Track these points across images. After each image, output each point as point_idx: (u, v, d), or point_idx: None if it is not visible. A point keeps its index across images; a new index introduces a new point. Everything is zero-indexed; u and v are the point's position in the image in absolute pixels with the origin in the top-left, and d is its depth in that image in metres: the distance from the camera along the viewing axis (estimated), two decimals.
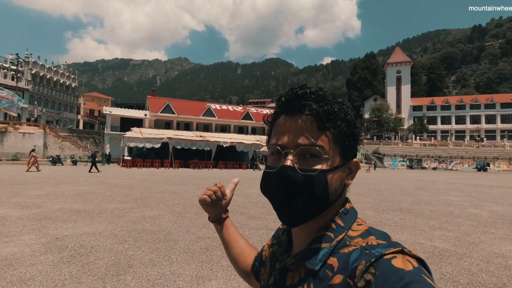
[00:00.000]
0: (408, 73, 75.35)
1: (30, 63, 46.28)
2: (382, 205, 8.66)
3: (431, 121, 69.36)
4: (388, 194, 11.61)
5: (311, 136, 0.53)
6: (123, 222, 5.64)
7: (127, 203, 7.85)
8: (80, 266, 3.44)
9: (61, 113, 51.84)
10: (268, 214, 6.80)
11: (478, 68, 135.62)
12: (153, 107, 39.68)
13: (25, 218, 5.73)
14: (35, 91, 46.50)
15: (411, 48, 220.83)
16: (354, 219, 0.57)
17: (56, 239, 4.48)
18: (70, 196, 8.64)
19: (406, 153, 55.23)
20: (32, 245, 4.14)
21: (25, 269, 3.31)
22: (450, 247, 4.53)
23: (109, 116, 37.14)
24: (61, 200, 7.90)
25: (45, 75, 49.61)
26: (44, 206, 7.06)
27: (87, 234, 4.79)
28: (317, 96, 0.55)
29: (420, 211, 7.83)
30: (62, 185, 11.44)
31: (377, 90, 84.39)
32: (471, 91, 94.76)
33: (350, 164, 0.57)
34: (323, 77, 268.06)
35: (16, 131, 32.52)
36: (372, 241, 0.50)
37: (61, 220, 5.70)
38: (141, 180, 14.92)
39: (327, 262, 0.52)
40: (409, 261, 0.44)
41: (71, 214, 6.21)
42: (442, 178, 24.25)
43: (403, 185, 16.62)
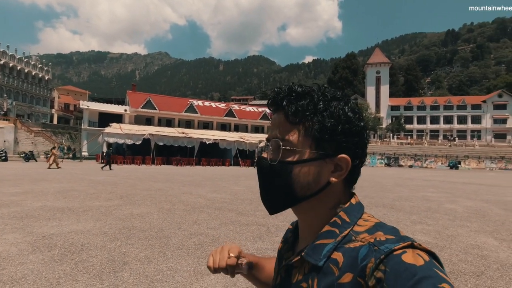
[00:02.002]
0: (387, 74, 77.78)
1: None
2: (365, 201, 8.97)
3: (408, 121, 72.06)
4: (370, 191, 12.03)
5: (281, 130, 0.56)
6: (111, 220, 5.53)
7: (113, 200, 7.68)
8: (73, 264, 3.37)
9: (33, 107, 49.15)
10: (257, 211, 6.89)
11: (451, 71, 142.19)
12: (133, 103, 38.62)
13: (5, 217, 5.49)
14: (4, 83, 43.76)
15: (389, 49, 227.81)
16: (360, 214, 0.56)
17: (43, 237, 4.34)
18: (51, 194, 8.32)
19: (384, 151, 57.14)
20: (18, 244, 3.99)
21: (14, 268, 3.20)
22: (431, 240, 4.81)
23: (86, 111, 35.78)
24: (42, 198, 7.61)
25: (15, 66, 46.83)
26: (23, 204, 6.77)
27: (75, 232, 4.67)
28: (292, 92, 0.56)
29: (401, 206, 8.20)
30: (40, 182, 10.98)
31: (357, 89, 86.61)
32: (445, 93, 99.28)
33: (336, 160, 0.55)
34: (305, 76, 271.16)
35: None
36: (380, 237, 0.48)
37: (45, 218, 5.51)
38: (123, 177, 14.56)
39: (331, 257, 0.51)
40: (419, 255, 0.43)
41: (55, 212, 6.01)
42: (419, 176, 25.35)
43: (383, 182, 17.24)
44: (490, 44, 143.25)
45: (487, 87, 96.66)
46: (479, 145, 58.47)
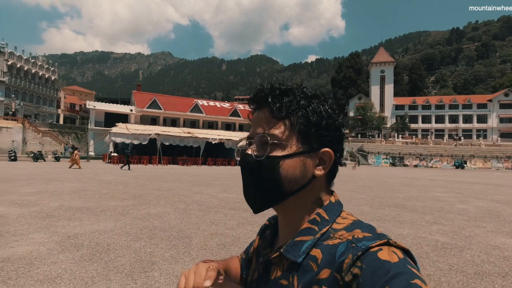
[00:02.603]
0: (391, 73, 77.41)
1: (6, 53, 43.93)
2: (376, 202, 9.00)
3: (413, 120, 71.69)
4: (379, 191, 12.04)
5: (266, 126, 0.56)
6: (130, 220, 5.62)
7: (127, 200, 7.78)
8: (103, 264, 3.45)
9: (40, 107, 49.62)
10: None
11: (455, 70, 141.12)
12: (139, 103, 38.83)
13: (27, 217, 5.60)
14: (11, 83, 44.22)
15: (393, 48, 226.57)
16: (339, 212, 0.58)
17: (68, 237, 4.43)
18: (65, 194, 8.44)
19: (389, 151, 56.96)
20: (46, 244, 4.08)
21: (48, 268, 3.29)
22: (449, 240, 4.83)
23: (93, 111, 36.04)
24: (58, 198, 7.72)
25: (22, 66, 47.29)
26: (41, 203, 6.88)
27: (98, 232, 4.76)
28: (275, 89, 0.58)
29: (413, 207, 8.21)
30: (52, 182, 11.12)
31: (361, 88, 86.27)
32: (450, 92, 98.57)
33: (319, 154, 0.57)
34: (307, 75, 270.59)
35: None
36: (358, 234, 0.50)
37: (65, 218, 5.61)
38: (132, 177, 14.69)
39: (310, 254, 0.52)
40: (394, 253, 0.45)
41: (74, 212, 6.11)
42: (425, 175, 25.26)
43: (390, 182, 17.23)
44: (496, 42, 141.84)
45: (493, 86, 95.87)
46: (485, 144, 58.05)
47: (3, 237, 4.32)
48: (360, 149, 58.94)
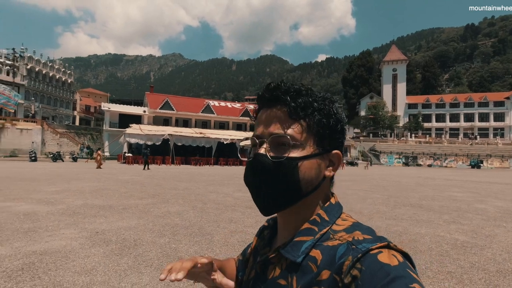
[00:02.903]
0: (404, 71, 76.17)
1: (25, 58, 45.52)
2: (391, 201, 8.98)
3: (426, 119, 70.36)
4: (393, 190, 11.96)
5: (283, 126, 0.55)
6: (151, 217, 5.82)
7: (146, 199, 8.02)
8: (133, 258, 3.63)
9: (57, 109, 51.19)
10: None
11: (471, 67, 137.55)
12: (152, 104, 39.52)
13: (56, 214, 5.87)
14: (30, 86, 45.82)
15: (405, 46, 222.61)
16: (339, 214, 0.58)
17: (96, 233, 4.65)
18: (87, 192, 8.76)
19: (401, 151, 56.08)
20: (77, 239, 4.31)
21: (82, 261, 3.49)
22: (469, 239, 4.83)
23: (107, 112, 36.91)
24: (80, 196, 8.03)
25: (40, 70, 48.92)
26: (66, 202, 7.18)
27: (124, 228, 4.97)
28: (290, 88, 0.57)
29: (430, 206, 8.16)
30: (73, 182, 11.51)
31: (373, 87, 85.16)
32: (465, 89, 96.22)
33: (330, 155, 0.58)
34: (318, 74, 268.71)
35: (14, 127, 32.22)
36: (358, 236, 0.50)
37: (91, 215, 5.86)
38: (148, 176, 15.03)
39: (310, 254, 0.52)
40: (394, 256, 0.45)
41: (98, 210, 6.36)
42: (439, 175, 24.82)
43: (404, 181, 17.05)
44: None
45: (510, 83, 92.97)
46: (502, 143, 56.39)
47: (37, 232, 4.57)
48: (372, 148, 58.25)
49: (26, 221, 5.20)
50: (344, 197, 9.48)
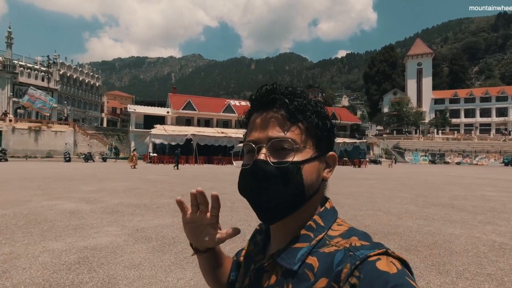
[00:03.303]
0: (429, 65, 73.27)
1: (58, 64, 48.38)
2: (420, 200, 8.79)
3: (454, 114, 67.37)
4: (420, 189, 11.66)
5: (282, 129, 0.53)
6: None
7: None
8: (174, 254, 3.87)
9: (86, 112, 53.97)
10: None
11: (503, 58, 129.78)
12: (174, 104, 40.58)
13: (97, 212, 6.28)
14: (63, 91, 48.65)
15: (430, 38, 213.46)
16: (334, 219, 0.57)
17: (137, 230, 4.96)
18: (121, 192, 9.23)
19: (427, 148, 54.07)
20: (120, 236, 4.63)
21: (129, 256, 3.77)
22: (508, 241, 4.69)
23: (133, 114, 38.34)
24: (116, 195, 8.49)
25: (71, 75, 51.77)
26: (104, 200, 7.63)
27: (161, 226, 5.26)
28: (286, 90, 0.56)
29: (462, 206, 7.93)
30: (105, 181, 12.14)
31: (396, 83, 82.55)
32: (497, 82, 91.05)
33: (326, 157, 0.58)
34: (338, 71, 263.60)
35: (49, 130, 34.40)
36: (356, 242, 0.49)
37: (129, 213, 6.22)
38: (174, 176, 15.54)
39: (306, 262, 0.51)
40: (393, 263, 0.44)
41: (134, 208, 6.73)
42: (470, 173, 23.77)
43: (431, 180, 16.52)
44: None
45: None
46: None
47: (84, 229, 4.95)
48: (396, 146, 56.56)
49: (73, 219, 5.62)
50: (370, 197, 9.39)
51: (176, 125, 38.40)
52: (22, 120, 35.23)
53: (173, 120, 40.13)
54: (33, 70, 45.83)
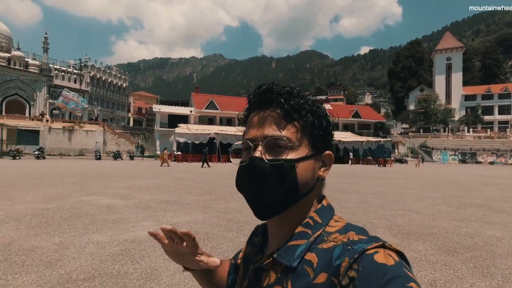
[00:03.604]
0: (459, 60, 69.77)
1: (88, 66, 50.99)
2: (453, 201, 8.45)
3: (487, 111, 63.82)
4: (452, 190, 11.19)
5: (278, 127, 0.55)
6: (215, 213, 6.24)
7: (204, 195, 8.55)
8: (209, 250, 4.00)
9: (114, 112, 56.41)
10: (346, 207, 7.02)
11: None
12: (197, 104, 41.37)
13: (131, 207, 6.58)
14: (93, 92, 51.27)
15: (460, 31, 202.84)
16: (331, 216, 0.58)
17: (171, 225, 5.15)
18: (151, 188, 9.58)
19: (457, 147, 51.58)
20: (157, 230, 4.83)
21: None
22: None
23: (158, 113, 39.50)
24: (147, 192, 8.82)
25: (100, 77, 54.42)
26: (137, 196, 7.96)
27: (193, 222, 5.43)
28: (282, 90, 0.57)
29: (500, 207, 7.54)
30: (135, 178, 12.62)
31: (423, 79, 79.44)
32: None
33: (322, 156, 0.59)
34: (360, 68, 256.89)
35: (81, 129, 36.38)
36: (353, 237, 0.50)
37: (161, 209, 6.46)
38: (199, 174, 15.88)
39: (305, 258, 0.51)
40: (390, 256, 0.45)
41: (166, 205, 6.98)
42: (506, 173, 22.46)
43: (463, 180, 15.79)
44: None
45: None
46: None
47: (122, 223, 5.21)
48: (423, 145, 54.45)
49: (110, 213, 5.92)
50: (399, 196, 9.15)
51: (199, 124, 39.15)
52: (57, 121, 37.40)
53: (196, 119, 40.93)
54: (66, 73, 48.64)
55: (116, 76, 59.52)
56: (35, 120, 35.77)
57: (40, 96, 44.30)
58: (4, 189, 8.65)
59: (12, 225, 4.88)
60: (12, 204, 6.46)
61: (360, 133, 47.40)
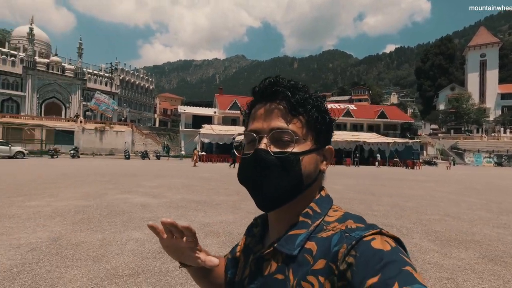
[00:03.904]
0: (495, 56, 65.86)
1: (118, 70, 53.45)
2: (493, 206, 7.99)
3: None
4: (490, 194, 10.58)
5: (283, 120, 0.56)
6: (244, 213, 6.31)
7: (233, 195, 8.65)
8: None
9: (141, 113, 58.58)
10: (378, 210, 6.85)
11: None
12: (221, 105, 41.94)
13: (164, 206, 6.79)
14: (122, 94, 53.77)
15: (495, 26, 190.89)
16: (330, 206, 0.59)
17: (204, 225, 5.27)
18: (180, 188, 9.83)
19: (492, 148, 48.66)
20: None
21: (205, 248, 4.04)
22: None
23: (183, 114, 40.51)
24: (176, 191, 9.06)
25: (129, 79, 56.90)
26: (167, 196, 8.20)
27: (225, 222, 5.52)
28: (288, 84, 0.58)
29: None
30: (163, 178, 13.01)
31: (454, 77, 75.74)
32: None
33: (324, 151, 0.61)
34: (385, 67, 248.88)
35: (111, 130, 38.14)
36: (351, 225, 0.52)
37: (192, 209, 6.62)
38: (225, 174, 16.08)
39: (305, 247, 0.53)
40: (387, 242, 0.46)
41: (196, 204, 7.13)
42: None
43: (501, 184, 14.88)
44: None
45: None
46: None
47: (157, 221, 5.35)
48: (454, 146, 51.85)
49: (145, 211, 6.16)
50: (433, 200, 8.78)
51: (223, 124, 39.67)
52: (90, 122, 39.47)
53: (219, 120, 41.52)
54: (98, 76, 51.42)
55: (143, 79, 61.86)
56: (70, 121, 37.99)
57: (75, 98, 47.04)
58: (47, 186, 9.24)
59: (58, 220, 5.21)
60: (56, 201, 6.89)
61: (386, 134, 45.94)
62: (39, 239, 4.16)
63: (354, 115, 46.98)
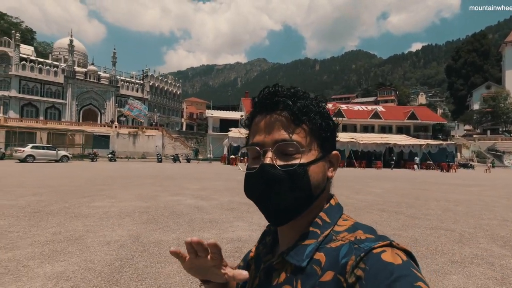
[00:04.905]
0: None
1: (148, 76, 55.84)
2: None
3: None
4: None
5: (287, 131, 0.54)
6: None
7: None
8: None
9: (170, 117, 60.63)
10: (419, 214, 6.75)
11: None
12: (247, 108, 42.45)
13: (217, 208, 7.06)
14: (152, 99, 56.15)
15: None
16: (339, 215, 0.58)
17: (263, 227, 5.46)
18: (223, 191, 10.12)
19: None
20: (254, 231, 5.15)
21: None
22: None
23: (210, 118, 41.44)
24: (221, 194, 9.35)
25: (158, 85, 59.39)
26: (215, 198, 8.48)
27: None
28: (289, 92, 0.57)
29: None
30: (203, 181, 13.39)
31: (489, 75, 71.90)
32: None
33: (330, 157, 0.59)
34: (411, 66, 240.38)
35: (143, 134, 39.86)
36: (361, 235, 0.50)
37: (244, 211, 6.82)
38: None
39: (314, 258, 0.52)
40: (398, 255, 0.44)
41: (247, 206, 7.31)
42: None
43: None
44: None
45: None
46: None
47: (218, 223, 5.65)
48: (491, 148, 49.10)
49: (203, 213, 6.44)
50: (485, 205, 8.48)
51: None
52: (123, 127, 41.47)
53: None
54: (130, 83, 54.17)
55: (171, 84, 64.14)
56: (106, 126, 40.15)
57: (109, 104, 49.79)
58: (100, 188, 9.86)
59: (129, 220, 5.60)
60: (117, 202, 7.38)
61: (417, 135, 44.35)
62: (121, 237, 4.53)
63: (382, 116, 45.78)
